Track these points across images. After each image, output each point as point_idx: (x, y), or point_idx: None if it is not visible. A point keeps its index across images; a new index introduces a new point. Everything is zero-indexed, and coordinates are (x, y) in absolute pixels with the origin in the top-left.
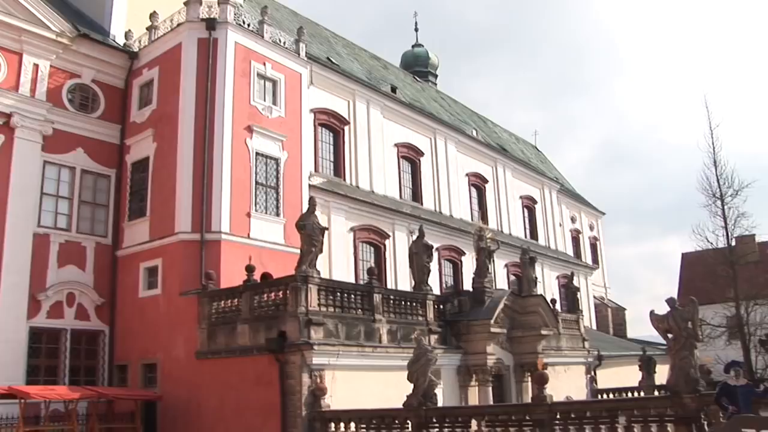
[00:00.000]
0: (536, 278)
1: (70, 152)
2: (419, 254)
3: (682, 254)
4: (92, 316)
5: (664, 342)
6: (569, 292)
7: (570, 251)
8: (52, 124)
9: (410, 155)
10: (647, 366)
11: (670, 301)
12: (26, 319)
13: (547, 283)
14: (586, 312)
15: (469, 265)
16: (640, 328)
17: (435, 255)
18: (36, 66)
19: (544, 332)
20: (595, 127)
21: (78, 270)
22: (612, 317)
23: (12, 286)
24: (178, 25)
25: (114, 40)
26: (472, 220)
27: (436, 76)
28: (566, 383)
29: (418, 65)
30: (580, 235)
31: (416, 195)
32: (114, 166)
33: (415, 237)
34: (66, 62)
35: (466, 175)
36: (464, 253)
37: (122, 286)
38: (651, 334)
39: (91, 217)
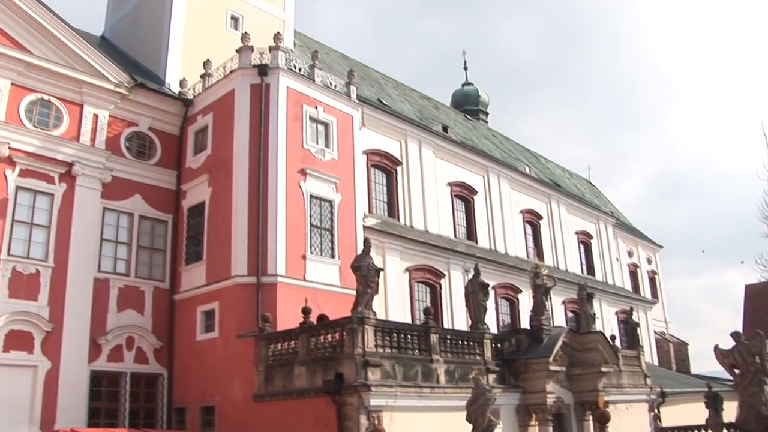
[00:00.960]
0: (594, 314)
1: (129, 198)
2: (475, 293)
3: (746, 286)
4: (151, 359)
5: (731, 378)
6: (629, 327)
7: (628, 286)
8: (111, 171)
9: (463, 194)
10: (714, 403)
11: (735, 335)
12: (87, 363)
13: (606, 319)
14: (646, 348)
15: (525, 302)
16: (705, 363)
17: (491, 293)
18: (96, 116)
19: (604, 369)
20: (649, 159)
21: (137, 314)
22: (674, 353)
23: (73, 330)
24: (231, 72)
25: (169, 89)
26: (527, 257)
27: (486, 114)
28: (628, 422)
29: (468, 103)
30: (638, 270)
31: (471, 233)
32: (171, 212)
33: (470, 276)
34: (124, 111)
35: (521, 212)
36: (521, 291)
37: (180, 330)
38: (716, 369)
39: (149, 262)
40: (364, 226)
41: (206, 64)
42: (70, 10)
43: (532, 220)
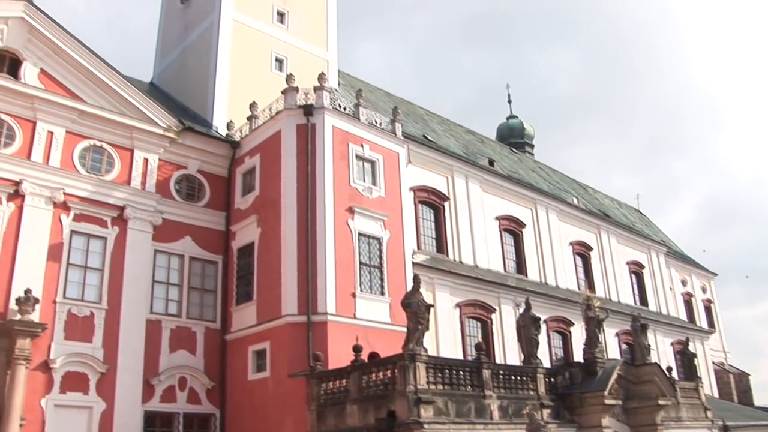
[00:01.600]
0: (649, 346)
1: (179, 240)
2: (527, 327)
3: None
4: (203, 399)
5: None
6: (685, 358)
7: (683, 316)
8: (161, 214)
9: (512, 227)
10: None
11: None
12: (141, 403)
13: (661, 350)
14: (705, 379)
15: (578, 335)
16: None
17: (543, 327)
18: (146, 160)
19: (661, 402)
20: (699, 185)
21: (189, 354)
22: (735, 384)
23: (127, 370)
24: (277, 113)
25: (217, 131)
26: (578, 289)
27: (532, 146)
28: None
29: (513, 137)
30: (693, 299)
31: (520, 267)
32: (221, 253)
33: (521, 310)
34: (173, 155)
35: (570, 243)
36: (573, 324)
37: (232, 370)
38: None
39: (200, 303)
40: (413, 263)
41: (252, 106)
42: (121, 58)
43: (582, 251)
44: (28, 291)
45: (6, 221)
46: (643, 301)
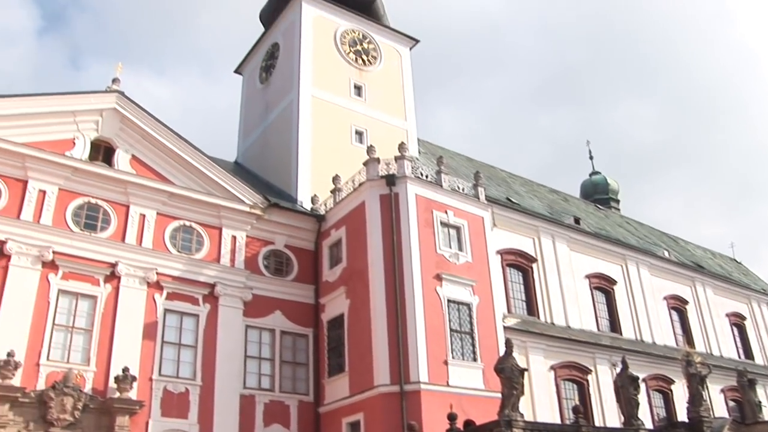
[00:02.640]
0: (760, 402)
1: (269, 315)
2: (625, 387)
3: None
4: None
5: None
6: None
7: None
8: (251, 290)
9: (603, 285)
10: None
11: None
12: None
13: None
14: None
15: (680, 393)
16: None
17: (642, 386)
18: (234, 237)
19: None
20: None
21: (283, 428)
22: None
23: None
24: (360, 184)
25: (302, 206)
26: (677, 345)
27: (617, 201)
28: None
29: (598, 193)
30: None
31: (614, 325)
32: (311, 326)
33: (618, 369)
34: (260, 231)
35: (664, 298)
36: (674, 382)
37: None
38: None
39: (292, 376)
40: (504, 327)
41: (335, 179)
42: (205, 140)
43: (678, 305)
44: (125, 369)
45: (104, 302)
46: (748, 354)
